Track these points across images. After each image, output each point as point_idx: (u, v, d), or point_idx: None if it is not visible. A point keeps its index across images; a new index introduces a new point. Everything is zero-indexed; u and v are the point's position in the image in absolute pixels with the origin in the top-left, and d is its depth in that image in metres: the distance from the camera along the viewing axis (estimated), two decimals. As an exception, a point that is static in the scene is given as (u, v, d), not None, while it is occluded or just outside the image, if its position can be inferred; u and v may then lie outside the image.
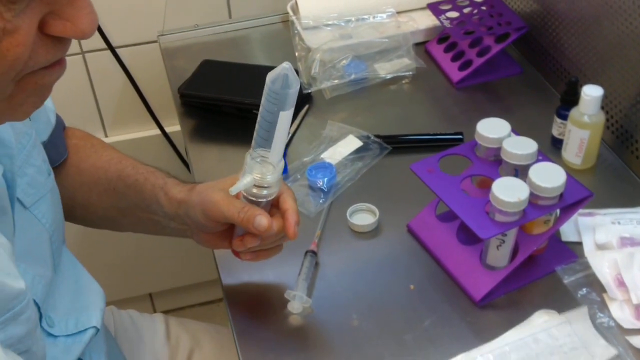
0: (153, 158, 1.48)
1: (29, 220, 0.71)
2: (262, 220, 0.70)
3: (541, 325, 0.75)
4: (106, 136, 1.47)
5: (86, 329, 0.77)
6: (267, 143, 0.67)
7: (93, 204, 0.86)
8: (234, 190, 0.69)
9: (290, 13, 1.28)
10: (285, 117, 0.66)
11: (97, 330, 0.79)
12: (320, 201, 0.95)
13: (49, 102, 0.85)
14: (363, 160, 1.02)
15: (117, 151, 0.90)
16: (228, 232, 0.77)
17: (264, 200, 0.71)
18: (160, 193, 0.80)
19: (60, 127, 0.86)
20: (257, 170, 0.69)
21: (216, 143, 1.11)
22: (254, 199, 0.71)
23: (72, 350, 0.75)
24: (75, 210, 0.87)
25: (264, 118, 0.67)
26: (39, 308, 0.69)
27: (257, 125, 0.68)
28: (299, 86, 0.65)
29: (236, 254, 0.78)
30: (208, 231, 0.77)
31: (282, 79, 0.64)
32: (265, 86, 0.65)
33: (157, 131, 1.45)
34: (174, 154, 1.48)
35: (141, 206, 0.82)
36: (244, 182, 0.69)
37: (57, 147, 0.85)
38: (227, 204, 0.71)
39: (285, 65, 0.64)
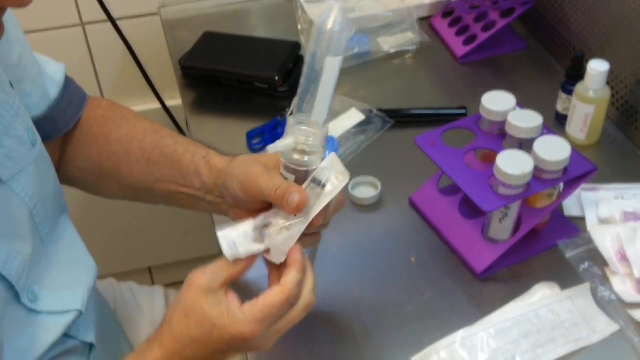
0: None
1: (5, 194, 0.68)
2: (295, 196, 0.63)
3: (543, 300, 0.75)
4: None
5: (69, 311, 0.75)
6: (309, 105, 0.62)
7: (123, 175, 0.83)
8: (271, 148, 0.63)
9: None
10: (331, 65, 0.59)
11: (80, 313, 0.76)
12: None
13: (52, 74, 0.82)
14: (365, 133, 1.01)
15: (152, 122, 0.85)
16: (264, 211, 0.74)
17: (304, 169, 0.64)
18: (201, 162, 0.76)
19: (64, 101, 0.83)
20: (299, 133, 0.62)
21: (217, 115, 1.10)
22: (293, 166, 0.65)
23: (53, 329, 0.73)
24: (102, 182, 0.85)
25: (309, 67, 0.61)
26: (13, 286, 0.68)
27: (300, 81, 0.63)
28: (351, 32, 0.60)
29: None
30: (244, 207, 0.72)
31: (332, 19, 0.58)
32: (313, 29, 0.59)
33: (157, 104, 1.44)
34: (173, 128, 1.47)
35: (176, 177, 0.79)
36: (284, 142, 0.62)
37: (55, 121, 0.82)
38: (266, 179, 0.67)
39: (335, 5, 0.59)
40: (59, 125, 0.83)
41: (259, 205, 0.70)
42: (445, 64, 1.16)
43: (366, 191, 0.92)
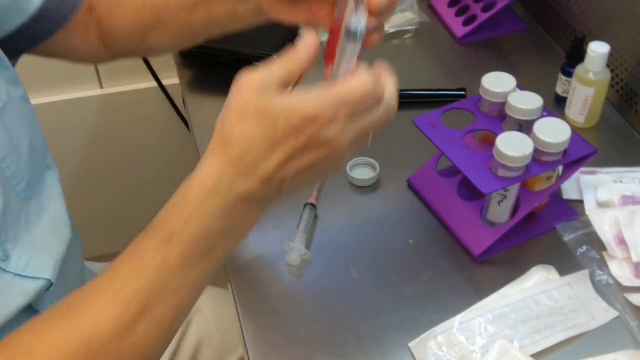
0: (149, 111, 1.48)
1: None
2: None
3: (541, 286, 0.75)
4: (101, 87, 1.44)
5: (38, 278, 0.68)
6: None
7: (165, 18, 0.78)
8: None
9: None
10: None
11: (50, 284, 0.69)
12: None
13: None
14: (364, 114, 1.00)
15: None
16: (301, 3, 0.68)
17: None
18: None
19: None
20: None
21: (214, 94, 1.09)
22: None
23: (20, 295, 0.67)
24: (149, 35, 0.81)
25: None
26: None
27: None
28: None
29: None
30: None
31: None
32: None
33: (154, 83, 1.43)
34: (170, 107, 1.46)
35: None
36: None
37: (62, 4, 0.79)
38: None
39: None
40: (69, 1, 0.80)
41: None
42: (444, 44, 1.15)
43: (364, 172, 0.92)
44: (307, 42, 0.55)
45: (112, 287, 0.55)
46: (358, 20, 0.55)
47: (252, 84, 0.52)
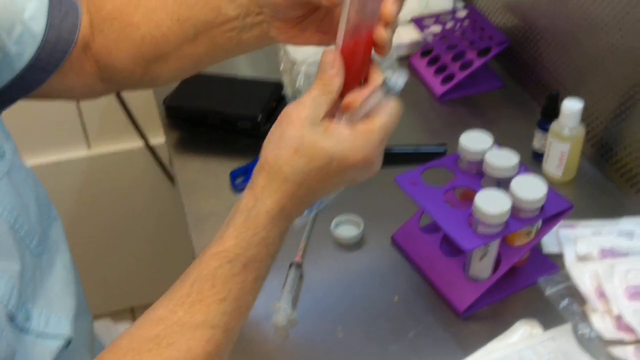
0: (136, 171, 1.49)
1: None
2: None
3: (526, 341, 0.76)
4: (89, 148, 1.46)
5: (57, 336, 0.69)
6: None
7: (165, 51, 0.77)
8: None
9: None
10: None
11: (69, 342, 0.69)
12: (305, 213, 0.96)
13: (33, 17, 0.75)
14: (347, 172, 1.02)
15: None
16: (312, 21, 0.68)
17: None
18: None
19: (55, 31, 0.76)
20: None
21: (201, 155, 1.11)
22: None
23: (42, 355, 0.67)
24: (151, 68, 0.79)
25: None
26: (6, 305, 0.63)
27: None
28: None
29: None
30: (283, 15, 0.67)
31: None
32: None
33: (141, 143, 1.45)
34: (157, 167, 1.48)
35: (210, 19, 0.73)
36: None
37: (55, 47, 0.76)
38: None
39: None
40: (61, 47, 0.77)
41: (299, 10, 0.66)
42: (425, 102, 1.18)
43: (349, 230, 0.93)
44: (336, 65, 0.60)
45: (199, 317, 0.59)
46: (399, 75, 0.61)
47: (303, 119, 0.58)
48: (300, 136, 0.57)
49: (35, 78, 0.77)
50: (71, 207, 1.51)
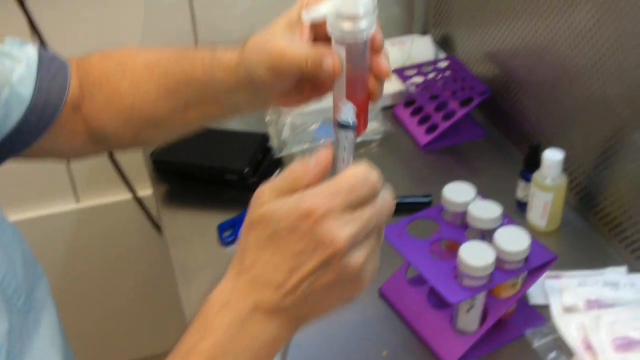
0: (125, 223, 1.49)
1: None
2: (328, 61, 0.57)
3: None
4: (77, 202, 1.46)
5: None
6: None
7: (154, 118, 0.76)
8: (307, 16, 0.54)
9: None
10: None
11: None
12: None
13: (21, 80, 0.75)
14: (334, 224, 1.03)
15: (148, 50, 0.79)
16: (305, 84, 0.66)
17: (361, 40, 0.54)
18: (215, 70, 0.69)
19: (43, 94, 0.76)
20: None
21: (189, 207, 1.11)
22: (345, 40, 0.54)
23: None
24: (141, 133, 0.79)
25: None
26: None
27: None
28: None
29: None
30: (280, 89, 0.65)
31: None
32: None
33: (129, 196, 1.45)
34: (145, 219, 1.48)
35: (199, 97, 0.72)
36: (321, 9, 0.52)
37: (43, 111, 0.76)
38: (292, 51, 0.58)
39: None
40: (50, 109, 0.77)
41: (292, 86, 0.64)
42: (409, 152, 1.19)
43: (336, 283, 0.93)
44: (320, 160, 0.53)
45: None
46: (348, 109, 0.52)
47: (259, 194, 0.53)
48: (253, 211, 0.53)
49: (24, 140, 0.77)
50: (59, 260, 1.50)
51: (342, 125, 0.51)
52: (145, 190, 1.45)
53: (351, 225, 0.50)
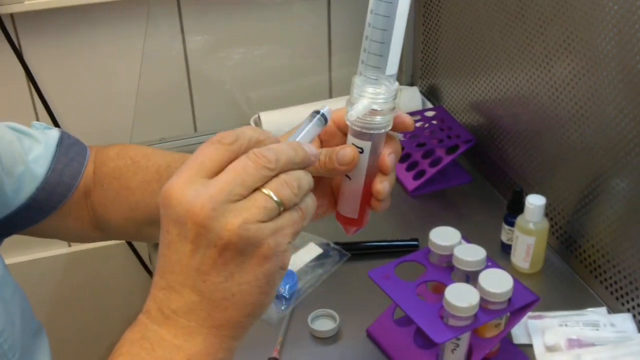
0: (116, 267, 1.50)
1: None
2: (346, 150, 0.54)
3: None
4: (70, 245, 1.48)
5: None
6: (380, 59, 0.54)
7: (157, 218, 0.75)
8: (352, 115, 0.53)
9: (253, 126, 1.35)
10: (404, 6, 0.53)
11: None
12: (282, 308, 0.98)
13: (37, 160, 0.77)
14: (323, 267, 1.05)
15: (163, 153, 0.81)
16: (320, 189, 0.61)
17: (383, 131, 0.55)
18: None
19: (57, 174, 0.78)
20: (374, 92, 0.54)
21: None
22: (372, 131, 0.55)
23: None
24: (143, 230, 0.81)
25: (377, 14, 0.53)
26: None
27: (366, 34, 0.54)
28: None
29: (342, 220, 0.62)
30: None
31: None
32: None
33: (121, 240, 1.47)
34: (137, 263, 1.49)
35: None
36: (361, 105, 0.53)
37: (53, 191, 0.77)
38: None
39: None
40: (61, 190, 0.79)
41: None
42: (397, 197, 1.23)
43: (325, 324, 0.96)
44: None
45: None
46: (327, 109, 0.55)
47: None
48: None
49: (32, 217, 0.79)
50: (49, 304, 1.50)
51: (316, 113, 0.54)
52: (138, 234, 1.47)
53: (208, 189, 0.47)
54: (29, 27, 1.24)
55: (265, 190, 0.47)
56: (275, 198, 0.47)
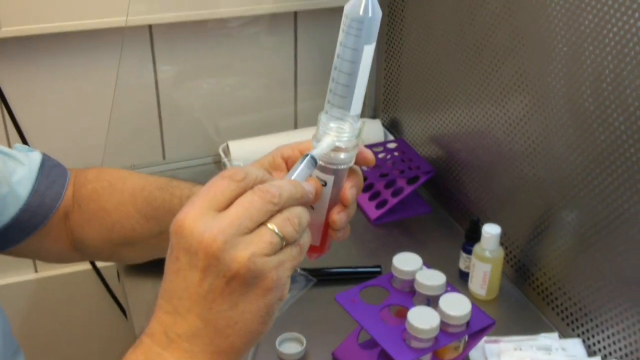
0: (83, 294, 1.50)
1: None
2: (309, 185, 0.56)
3: None
4: (36, 271, 1.48)
5: None
6: (345, 100, 0.56)
7: (132, 240, 0.81)
8: (317, 153, 0.56)
9: (222, 155, 1.38)
10: (368, 54, 0.55)
11: None
12: (251, 332, 1.01)
13: (21, 181, 0.79)
14: (291, 292, 1.07)
15: (139, 176, 0.84)
16: None
17: (345, 167, 0.58)
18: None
19: (39, 196, 0.80)
20: (338, 130, 0.57)
21: (152, 276, 1.14)
22: (334, 166, 0.58)
23: None
24: (119, 251, 0.83)
25: (343, 59, 0.55)
26: None
27: (333, 76, 0.57)
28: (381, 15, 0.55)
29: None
30: None
31: (364, 4, 0.54)
32: (343, 19, 0.55)
33: (88, 266, 1.47)
34: (104, 291, 1.50)
35: None
36: (325, 143, 0.56)
37: (35, 213, 0.80)
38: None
39: None
40: (43, 212, 0.81)
41: None
42: (361, 226, 1.27)
43: (292, 347, 0.99)
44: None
45: None
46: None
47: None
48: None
49: (12, 237, 0.81)
50: (16, 330, 1.49)
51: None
52: (105, 262, 1.47)
53: (219, 221, 0.49)
54: (4, 53, 1.26)
55: (270, 226, 0.51)
56: (280, 234, 0.51)
